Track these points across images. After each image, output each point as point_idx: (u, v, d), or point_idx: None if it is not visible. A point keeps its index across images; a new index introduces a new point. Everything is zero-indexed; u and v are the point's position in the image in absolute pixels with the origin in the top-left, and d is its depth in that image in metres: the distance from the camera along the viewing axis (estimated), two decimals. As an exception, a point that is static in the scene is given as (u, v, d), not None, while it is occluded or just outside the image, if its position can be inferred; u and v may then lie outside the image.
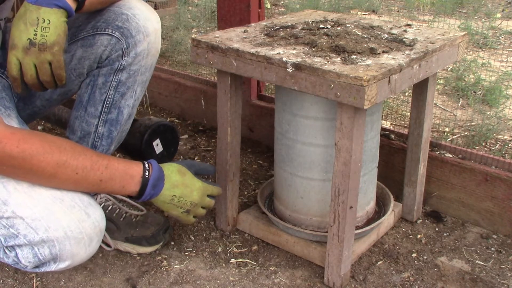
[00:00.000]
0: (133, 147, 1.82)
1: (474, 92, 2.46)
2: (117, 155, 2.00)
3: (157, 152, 1.87)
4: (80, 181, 1.09)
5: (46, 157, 1.04)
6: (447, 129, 2.09)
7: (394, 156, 1.73)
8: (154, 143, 1.86)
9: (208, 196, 1.33)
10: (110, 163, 1.13)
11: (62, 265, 1.12)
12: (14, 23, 1.10)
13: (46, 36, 1.09)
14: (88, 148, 1.20)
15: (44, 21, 1.08)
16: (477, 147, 1.93)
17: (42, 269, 1.13)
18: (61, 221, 1.07)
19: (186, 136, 2.23)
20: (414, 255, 1.50)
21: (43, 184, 1.08)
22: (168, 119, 2.37)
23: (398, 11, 4.00)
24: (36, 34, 1.08)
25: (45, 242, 1.07)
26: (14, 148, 1.01)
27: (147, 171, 1.19)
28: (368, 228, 1.47)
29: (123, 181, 1.16)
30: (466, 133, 2.06)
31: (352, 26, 1.41)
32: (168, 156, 1.94)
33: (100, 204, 1.50)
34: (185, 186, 1.26)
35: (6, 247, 1.09)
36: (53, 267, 1.12)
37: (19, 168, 1.04)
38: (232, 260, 1.48)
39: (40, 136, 1.07)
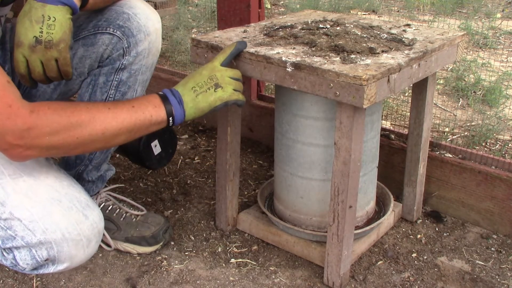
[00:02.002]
0: (131, 148, 1.82)
1: (474, 92, 2.46)
2: (116, 156, 2.00)
3: (156, 153, 1.87)
4: (117, 114, 1.10)
5: (76, 107, 1.07)
6: (447, 129, 2.09)
7: (394, 156, 1.73)
8: (153, 144, 1.85)
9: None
10: (130, 100, 1.17)
11: (60, 267, 1.11)
12: (19, 20, 1.10)
13: (52, 33, 1.09)
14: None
15: (50, 18, 1.08)
16: (477, 147, 1.93)
17: (41, 271, 1.13)
18: (59, 223, 1.07)
19: (186, 136, 2.23)
20: (414, 255, 1.50)
21: (93, 136, 1.07)
22: (168, 119, 2.36)
23: (398, 11, 4.00)
24: (42, 32, 1.08)
25: (43, 244, 1.07)
26: (48, 112, 1.02)
27: (160, 93, 1.20)
28: (368, 228, 1.47)
29: (149, 102, 1.16)
30: (466, 133, 2.06)
31: (352, 26, 1.41)
32: (166, 157, 1.93)
33: (101, 204, 1.50)
34: (193, 75, 1.23)
35: (4, 249, 1.09)
36: (51, 269, 1.12)
37: (66, 129, 1.04)
38: (232, 260, 1.48)
39: (52, 102, 1.11)
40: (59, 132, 1.03)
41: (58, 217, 1.07)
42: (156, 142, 1.86)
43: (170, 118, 1.17)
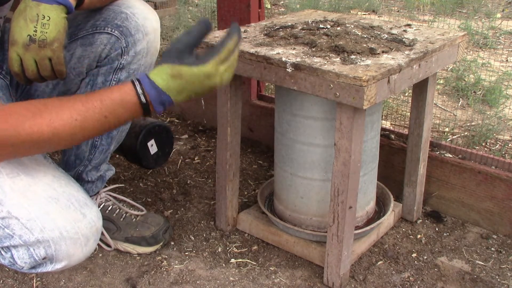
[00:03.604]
0: (128, 148, 1.82)
1: (474, 92, 2.45)
2: (116, 156, 2.00)
3: (152, 152, 1.87)
4: (86, 125, 0.99)
5: (36, 120, 0.97)
6: (447, 129, 2.09)
7: (394, 156, 1.73)
8: (149, 144, 1.85)
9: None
10: (103, 97, 1.00)
11: (58, 266, 1.11)
12: (14, 19, 1.10)
13: (46, 32, 1.09)
14: (69, 96, 1.08)
15: (44, 17, 1.08)
16: (477, 147, 1.93)
17: (39, 270, 1.12)
18: (57, 222, 1.07)
19: (186, 136, 2.23)
20: (414, 255, 1.50)
21: (53, 149, 1.00)
22: (168, 119, 2.37)
23: (398, 11, 4.00)
24: (36, 31, 1.08)
25: (41, 242, 1.06)
26: (3, 125, 0.95)
27: (141, 96, 1.01)
28: (368, 228, 1.47)
29: (127, 110, 1.02)
30: (466, 133, 2.06)
31: (352, 26, 1.41)
32: (163, 156, 1.93)
33: (100, 204, 1.50)
34: (191, 84, 1.04)
35: (2, 247, 1.09)
36: (49, 267, 1.11)
37: (19, 143, 0.97)
38: (232, 260, 1.48)
39: (21, 103, 1.01)
40: (22, 151, 1.00)
41: (56, 215, 1.07)
42: (152, 141, 1.86)
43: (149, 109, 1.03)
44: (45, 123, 0.97)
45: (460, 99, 2.41)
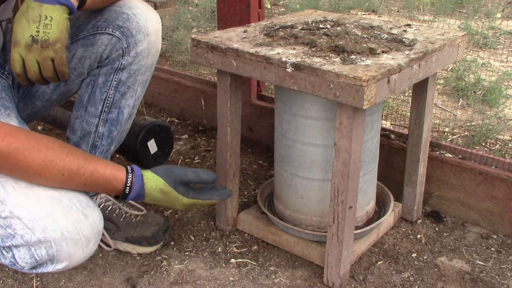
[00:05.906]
0: (128, 147, 1.82)
1: (474, 92, 2.46)
2: (116, 156, 2.00)
3: (152, 152, 1.87)
4: (65, 182, 1.09)
5: (32, 153, 1.03)
6: (447, 129, 2.09)
7: (394, 156, 1.73)
8: (149, 144, 1.86)
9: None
10: (96, 170, 1.12)
11: (59, 266, 1.11)
12: (16, 20, 1.11)
13: (49, 33, 1.09)
14: (76, 149, 1.15)
15: (47, 18, 1.09)
16: (477, 147, 1.93)
17: (39, 270, 1.12)
18: (58, 222, 1.07)
19: (186, 136, 2.23)
20: (414, 255, 1.50)
21: (28, 181, 1.07)
22: (168, 119, 2.37)
23: (398, 11, 4.00)
24: (38, 31, 1.09)
25: (42, 242, 1.06)
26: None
27: (128, 188, 1.17)
28: (368, 228, 1.47)
29: (105, 189, 1.16)
30: (466, 133, 2.06)
31: (352, 26, 1.41)
32: (163, 156, 1.93)
33: (100, 204, 1.50)
34: (166, 202, 1.24)
35: (3, 247, 1.09)
36: (50, 268, 1.11)
37: (5, 162, 1.03)
38: (232, 260, 1.48)
39: (27, 132, 1.07)
40: (3, 169, 1.06)
41: (58, 216, 1.07)
42: (152, 141, 1.87)
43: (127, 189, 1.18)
44: (37, 161, 1.04)
45: (460, 99, 2.41)
